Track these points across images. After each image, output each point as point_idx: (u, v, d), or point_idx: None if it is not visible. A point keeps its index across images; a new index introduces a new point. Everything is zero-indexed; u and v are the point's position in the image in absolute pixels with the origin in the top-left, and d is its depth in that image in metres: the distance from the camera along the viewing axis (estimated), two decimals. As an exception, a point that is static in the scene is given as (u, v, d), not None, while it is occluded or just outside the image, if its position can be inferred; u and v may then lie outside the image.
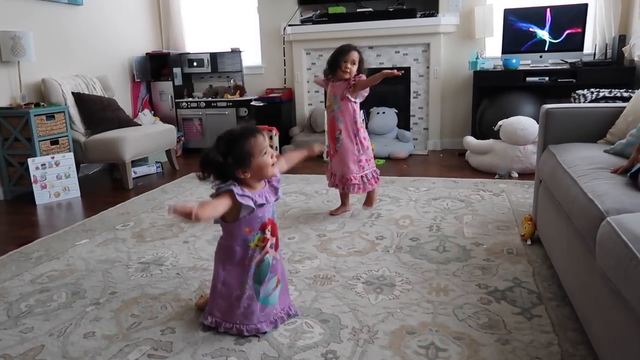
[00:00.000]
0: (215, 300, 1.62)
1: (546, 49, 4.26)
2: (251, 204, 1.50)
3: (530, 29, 4.26)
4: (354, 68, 2.68)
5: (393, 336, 1.58)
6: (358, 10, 4.79)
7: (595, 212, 1.39)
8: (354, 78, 2.70)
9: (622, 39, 3.99)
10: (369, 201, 2.91)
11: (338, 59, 2.69)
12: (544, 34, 4.23)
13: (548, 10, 4.20)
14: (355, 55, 2.68)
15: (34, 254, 2.44)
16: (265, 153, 1.53)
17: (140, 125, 4.43)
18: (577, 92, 3.79)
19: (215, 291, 1.62)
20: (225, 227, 1.59)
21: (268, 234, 1.58)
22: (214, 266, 1.64)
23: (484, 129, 4.20)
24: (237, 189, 1.48)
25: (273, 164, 1.57)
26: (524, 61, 4.33)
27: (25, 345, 1.62)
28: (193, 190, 3.58)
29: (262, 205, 1.55)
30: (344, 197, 2.92)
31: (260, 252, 1.58)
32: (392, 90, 4.94)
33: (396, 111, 4.77)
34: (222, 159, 1.48)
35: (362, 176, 2.76)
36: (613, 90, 3.68)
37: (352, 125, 2.74)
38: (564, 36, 4.19)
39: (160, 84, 5.25)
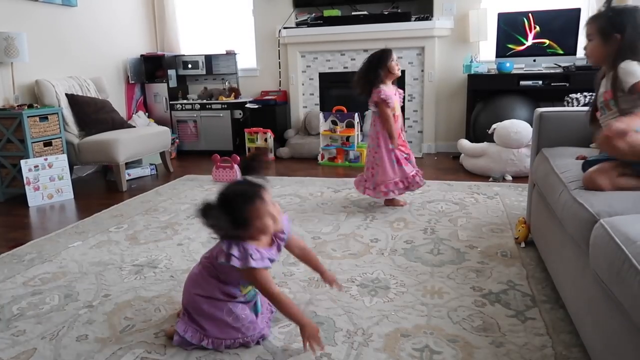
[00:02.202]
0: (203, 325, 1.55)
1: (539, 52, 4.29)
2: (269, 264, 1.48)
3: (522, 33, 4.29)
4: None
5: (387, 339, 1.58)
6: (353, 13, 4.80)
7: (587, 215, 1.40)
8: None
9: (615, 44, 4.02)
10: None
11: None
12: (535, 38, 4.27)
13: (541, 14, 4.23)
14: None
15: (26, 256, 2.43)
16: (264, 217, 1.45)
17: (135, 127, 4.42)
18: (570, 95, 3.82)
19: (202, 315, 1.55)
20: (223, 270, 1.52)
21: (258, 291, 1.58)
22: (189, 298, 1.56)
23: (478, 132, 4.22)
24: (257, 263, 1.44)
25: (275, 221, 1.49)
26: (518, 65, 4.36)
27: (17, 348, 1.60)
28: (187, 193, 3.57)
29: (272, 261, 1.53)
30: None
31: (245, 299, 1.58)
32: (386, 93, 4.95)
33: (391, 114, 4.78)
34: (223, 217, 1.40)
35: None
36: (606, 94, 3.70)
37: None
38: (554, 41, 4.22)
39: (155, 86, 5.23)
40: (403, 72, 4.82)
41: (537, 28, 4.24)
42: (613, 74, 1.75)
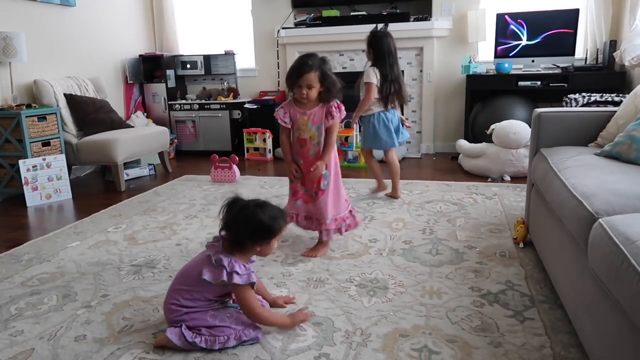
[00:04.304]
0: (194, 324, 1.56)
1: (537, 53, 4.29)
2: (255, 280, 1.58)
3: (520, 33, 4.30)
4: (312, 92, 2.20)
5: (386, 339, 1.57)
6: (352, 13, 4.80)
7: (585, 213, 1.40)
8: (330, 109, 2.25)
9: (613, 44, 4.03)
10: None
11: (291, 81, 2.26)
12: (528, 39, 4.28)
13: (540, 14, 4.24)
14: (311, 77, 2.16)
15: (24, 257, 2.42)
16: (276, 241, 1.63)
17: (133, 127, 4.41)
18: (569, 96, 3.82)
19: (188, 324, 1.56)
20: (199, 288, 1.56)
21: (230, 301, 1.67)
22: (172, 323, 1.58)
23: (477, 132, 4.22)
24: (254, 277, 1.55)
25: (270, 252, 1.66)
26: (516, 65, 4.36)
27: (15, 348, 1.60)
28: (186, 193, 3.57)
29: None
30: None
31: (223, 305, 1.64)
32: (385, 93, 4.95)
33: (389, 114, 4.78)
34: (256, 227, 1.55)
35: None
36: (604, 94, 3.72)
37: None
38: (552, 40, 4.23)
39: (153, 86, 5.23)
40: (402, 72, 4.83)
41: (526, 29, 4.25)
42: None
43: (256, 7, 5.17)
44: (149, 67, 5.22)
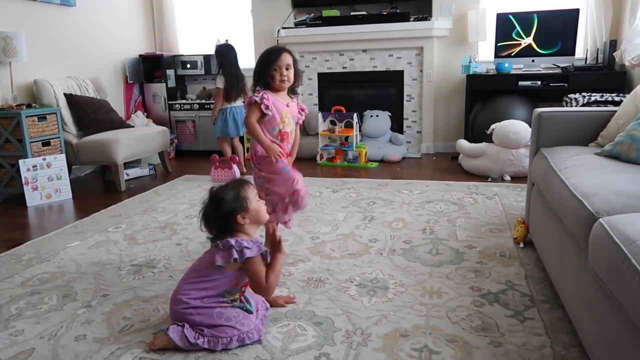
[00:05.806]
0: (196, 325, 1.56)
1: (537, 53, 4.29)
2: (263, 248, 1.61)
3: (521, 34, 4.30)
4: (291, 73, 2.11)
5: (386, 339, 1.57)
6: (352, 13, 4.80)
7: (586, 213, 1.40)
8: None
9: (613, 44, 4.03)
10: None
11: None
12: (531, 39, 4.27)
13: (540, 14, 4.24)
14: (288, 56, 2.09)
15: (24, 256, 2.42)
16: (257, 200, 1.65)
17: (133, 127, 4.41)
18: (569, 96, 3.82)
19: (195, 324, 1.56)
20: (213, 277, 1.58)
21: (244, 292, 1.67)
22: (177, 316, 1.58)
23: (477, 132, 4.22)
24: (263, 247, 1.58)
25: (262, 209, 1.66)
26: (516, 65, 4.36)
27: (15, 348, 1.60)
28: (186, 193, 3.57)
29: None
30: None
31: (230, 302, 1.62)
32: (385, 93, 4.96)
33: (389, 114, 4.79)
34: (222, 207, 1.57)
35: None
36: (604, 94, 3.72)
37: None
38: (553, 42, 4.23)
39: (154, 86, 5.23)
40: (402, 72, 4.84)
41: (534, 29, 4.25)
42: None
43: (256, 7, 5.17)
44: (149, 67, 5.22)
